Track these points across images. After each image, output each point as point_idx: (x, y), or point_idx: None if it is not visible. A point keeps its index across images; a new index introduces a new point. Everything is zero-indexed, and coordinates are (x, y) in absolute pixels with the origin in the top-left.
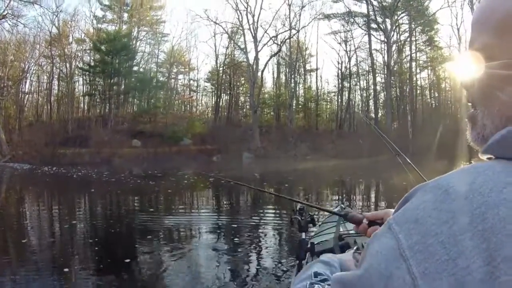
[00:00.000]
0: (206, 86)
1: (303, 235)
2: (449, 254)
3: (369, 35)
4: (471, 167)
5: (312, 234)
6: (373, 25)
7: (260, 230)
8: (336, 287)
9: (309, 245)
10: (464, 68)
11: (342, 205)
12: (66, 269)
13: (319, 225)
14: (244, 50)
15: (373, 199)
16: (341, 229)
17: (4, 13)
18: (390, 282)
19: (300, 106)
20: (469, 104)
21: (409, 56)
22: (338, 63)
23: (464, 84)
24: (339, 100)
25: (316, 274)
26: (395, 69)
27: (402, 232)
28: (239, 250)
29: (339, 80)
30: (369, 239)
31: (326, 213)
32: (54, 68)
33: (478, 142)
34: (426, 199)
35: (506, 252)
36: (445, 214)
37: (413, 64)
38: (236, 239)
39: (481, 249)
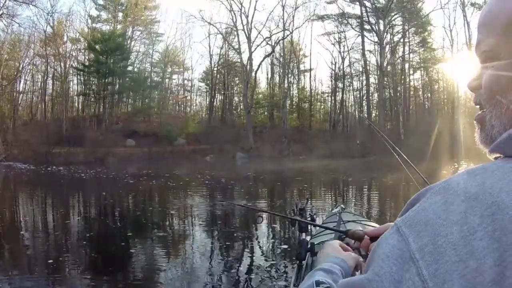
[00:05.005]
0: (200, 86)
1: (303, 235)
2: (459, 255)
3: (362, 36)
4: (480, 168)
5: (313, 234)
6: (367, 26)
7: (260, 230)
8: None
9: (309, 245)
10: (470, 70)
11: (342, 206)
12: (62, 265)
13: None
14: (238, 51)
15: (372, 199)
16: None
17: (0, 13)
18: (400, 285)
19: (294, 107)
20: (477, 106)
21: (402, 57)
22: (332, 63)
23: (471, 86)
24: (333, 101)
25: (318, 283)
26: (388, 70)
27: (412, 234)
28: (238, 250)
29: (333, 81)
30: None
31: (326, 213)
32: (49, 67)
33: (486, 144)
34: (435, 200)
35: None
36: (455, 215)
37: (406, 65)
38: (235, 239)
39: (491, 250)
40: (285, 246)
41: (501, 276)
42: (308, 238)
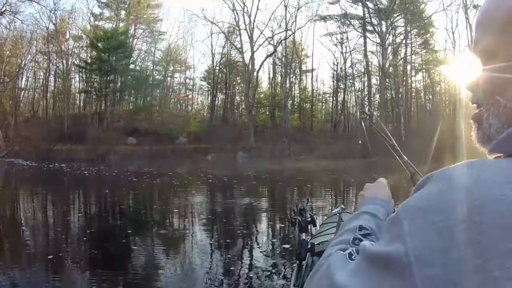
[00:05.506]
0: (202, 85)
1: (304, 236)
2: (443, 243)
3: (365, 37)
4: (478, 161)
5: (313, 234)
6: (369, 27)
7: (260, 229)
8: (360, 256)
9: (309, 246)
10: (467, 69)
11: (342, 206)
12: (62, 261)
13: (320, 225)
14: (240, 50)
15: None
16: None
17: (3, 10)
18: (392, 261)
19: (295, 107)
20: (474, 105)
21: (404, 59)
22: (334, 64)
23: (468, 85)
24: (334, 101)
25: (361, 228)
26: (390, 71)
27: (406, 217)
28: (238, 249)
29: (334, 81)
30: None
31: (326, 213)
32: (51, 64)
33: (484, 142)
34: (430, 188)
35: (499, 247)
36: (445, 203)
37: (408, 66)
38: (236, 237)
39: (474, 242)
40: (286, 246)
41: (481, 268)
42: (308, 238)
